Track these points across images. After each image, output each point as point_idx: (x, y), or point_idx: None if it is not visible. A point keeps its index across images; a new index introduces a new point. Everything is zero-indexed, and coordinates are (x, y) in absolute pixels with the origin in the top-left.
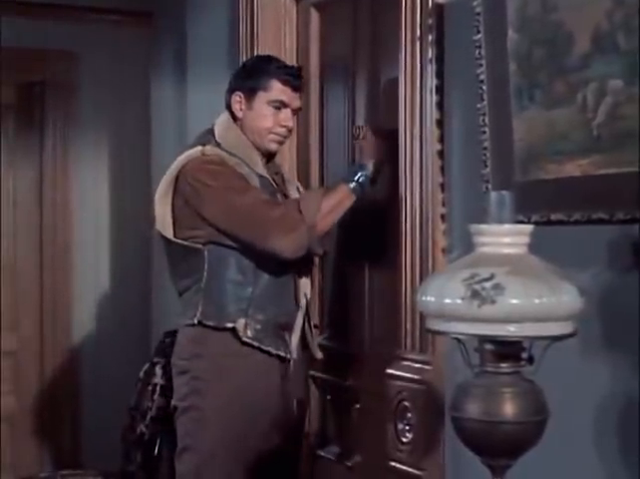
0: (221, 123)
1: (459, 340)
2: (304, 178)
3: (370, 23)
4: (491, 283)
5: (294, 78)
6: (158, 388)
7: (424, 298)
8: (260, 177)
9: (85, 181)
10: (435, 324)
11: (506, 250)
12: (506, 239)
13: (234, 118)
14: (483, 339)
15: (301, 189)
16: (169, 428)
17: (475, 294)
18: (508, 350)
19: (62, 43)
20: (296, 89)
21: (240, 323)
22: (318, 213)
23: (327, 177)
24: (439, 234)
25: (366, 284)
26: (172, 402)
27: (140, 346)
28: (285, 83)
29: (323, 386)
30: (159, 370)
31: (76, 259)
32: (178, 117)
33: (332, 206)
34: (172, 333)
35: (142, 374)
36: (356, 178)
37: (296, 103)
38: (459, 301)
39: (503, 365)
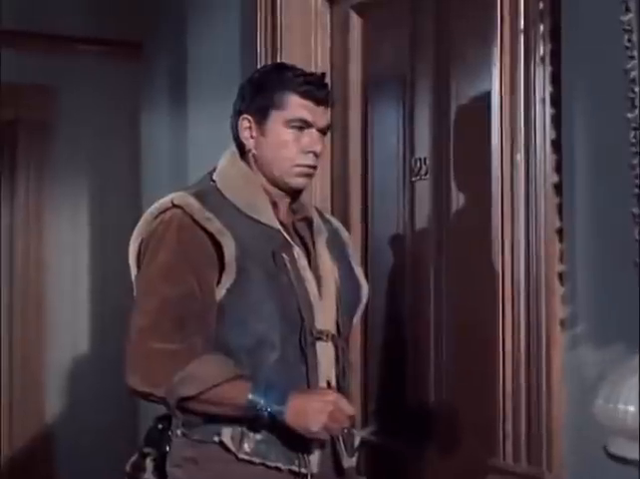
0: (225, 157)
1: None
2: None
3: (435, 23)
4: None
5: (317, 87)
6: None
7: (620, 407)
8: (263, 227)
9: (61, 230)
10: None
11: None
12: None
13: (243, 150)
14: None
15: (347, 238)
16: None
17: None
18: None
19: (37, 76)
20: (320, 102)
21: (229, 435)
22: (202, 390)
23: (372, 227)
24: (555, 300)
25: (436, 361)
26: None
27: (126, 432)
28: (306, 95)
29: None
30: (149, 464)
31: (50, 320)
32: (176, 157)
33: (223, 399)
34: (167, 418)
35: (128, 468)
36: (272, 409)
37: (323, 120)
38: None
39: None
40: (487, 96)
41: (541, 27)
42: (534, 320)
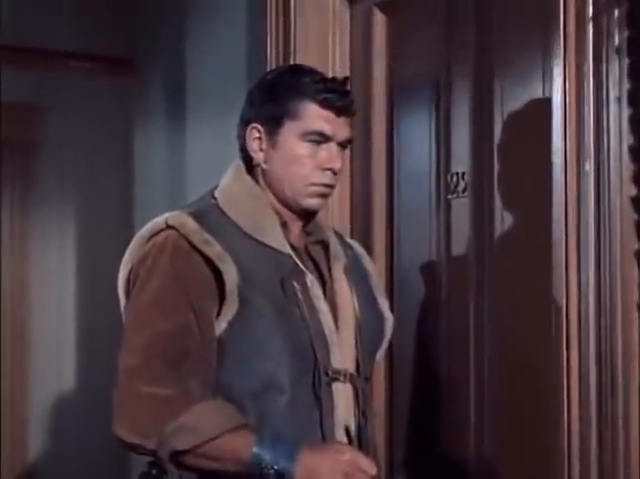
0: (229, 171)
1: None
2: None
3: (477, 16)
4: None
5: (339, 96)
6: None
7: None
8: (270, 250)
9: (46, 260)
10: None
11: None
12: None
13: (250, 164)
14: None
15: (370, 266)
16: None
17: None
18: None
19: (22, 94)
20: (342, 112)
21: None
22: (198, 443)
23: (399, 254)
24: (634, 335)
25: (477, 406)
26: None
27: (114, 473)
28: (325, 105)
29: None
30: None
31: (33, 358)
32: (173, 178)
33: (223, 452)
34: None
35: None
36: (280, 467)
37: (344, 133)
38: None
39: None
40: (545, 97)
41: (616, 12)
42: (608, 360)
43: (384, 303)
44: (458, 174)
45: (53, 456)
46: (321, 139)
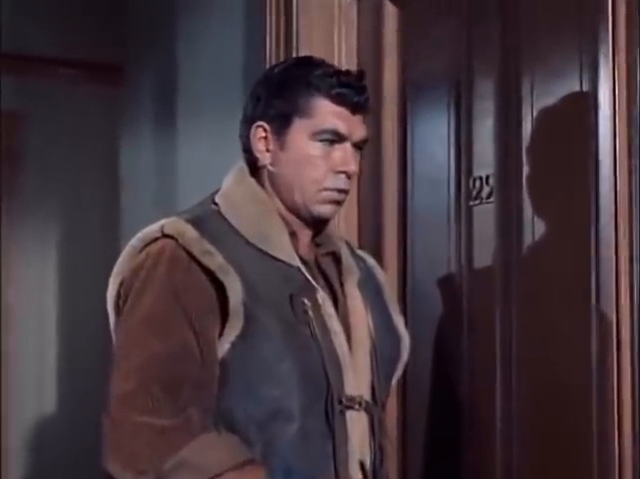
0: (231, 174)
1: None
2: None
3: (500, 11)
4: None
5: (355, 91)
6: None
7: None
8: (278, 263)
9: (27, 275)
10: None
11: None
12: None
13: (254, 166)
14: None
15: (384, 280)
16: None
17: None
18: None
19: (4, 101)
20: (358, 109)
21: None
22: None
23: (412, 266)
24: None
25: (504, 436)
26: None
27: None
28: (340, 101)
29: None
30: None
31: (12, 379)
32: (162, 188)
33: None
34: None
35: None
36: None
37: (359, 132)
38: None
39: None
40: (583, 94)
41: None
42: None
43: (399, 321)
44: (481, 178)
45: None
46: (335, 138)
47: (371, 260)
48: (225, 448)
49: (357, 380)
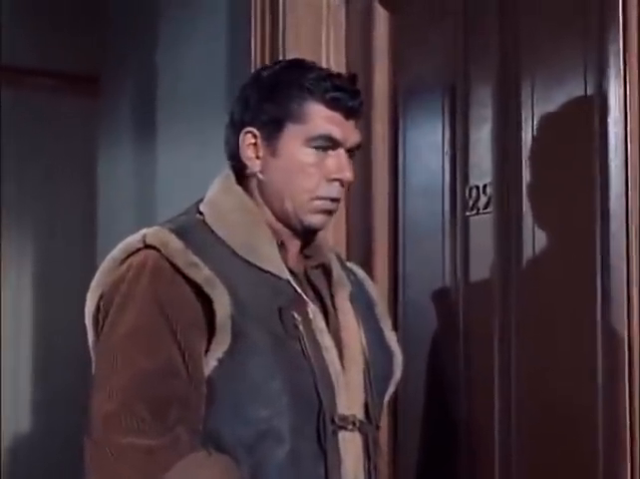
0: (217, 181)
1: None
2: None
3: (498, 14)
4: None
5: (349, 95)
6: None
7: None
8: (267, 275)
9: (2, 290)
10: None
11: None
12: None
13: (241, 174)
14: None
15: (375, 294)
16: None
17: None
18: None
19: None
20: (351, 114)
21: None
22: None
23: (404, 279)
24: None
25: (502, 457)
26: None
27: None
28: (334, 105)
29: None
30: None
31: None
32: (141, 202)
33: None
34: None
35: None
36: None
37: (353, 138)
38: None
39: None
40: (588, 96)
41: None
42: None
43: (391, 337)
44: (478, 187)
45: None
46: (329, 144)
47: (361, 273)
48: (217, 468)
49: (350, 399)
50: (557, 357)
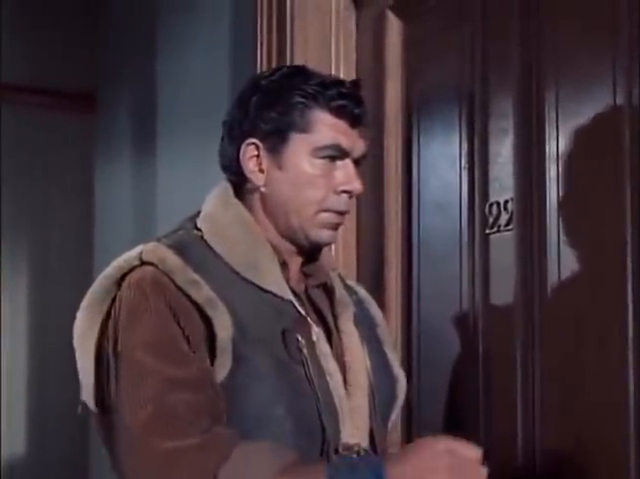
0: (214, 195)
1: None
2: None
3: (519, 22)
4: None
5: (354, 102)
6: None
7: None
8: (268, 296)
9: None
10: None
11: None
12: None
13: (240, 188)
14: None
15: (378, 315)
16: None
17: None
18: None
19: None
20: (357, 122)
21: None
22: None
23: (419, 302)
24: None
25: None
26: None
27: None
28: (340, 113)
29: None
30: None
31: None
32: (140, 220)
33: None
34: None
35: None
36: None
37: (360, 147)
38: None
39: None
40: (617, 106)
41: None
42: None
43: (394, 359)
44: (499, 203)
45: None
46: (337, 154)
47: (363, 292)
48: (275, 449)
49: (354, 427)
50: (585, 384)
